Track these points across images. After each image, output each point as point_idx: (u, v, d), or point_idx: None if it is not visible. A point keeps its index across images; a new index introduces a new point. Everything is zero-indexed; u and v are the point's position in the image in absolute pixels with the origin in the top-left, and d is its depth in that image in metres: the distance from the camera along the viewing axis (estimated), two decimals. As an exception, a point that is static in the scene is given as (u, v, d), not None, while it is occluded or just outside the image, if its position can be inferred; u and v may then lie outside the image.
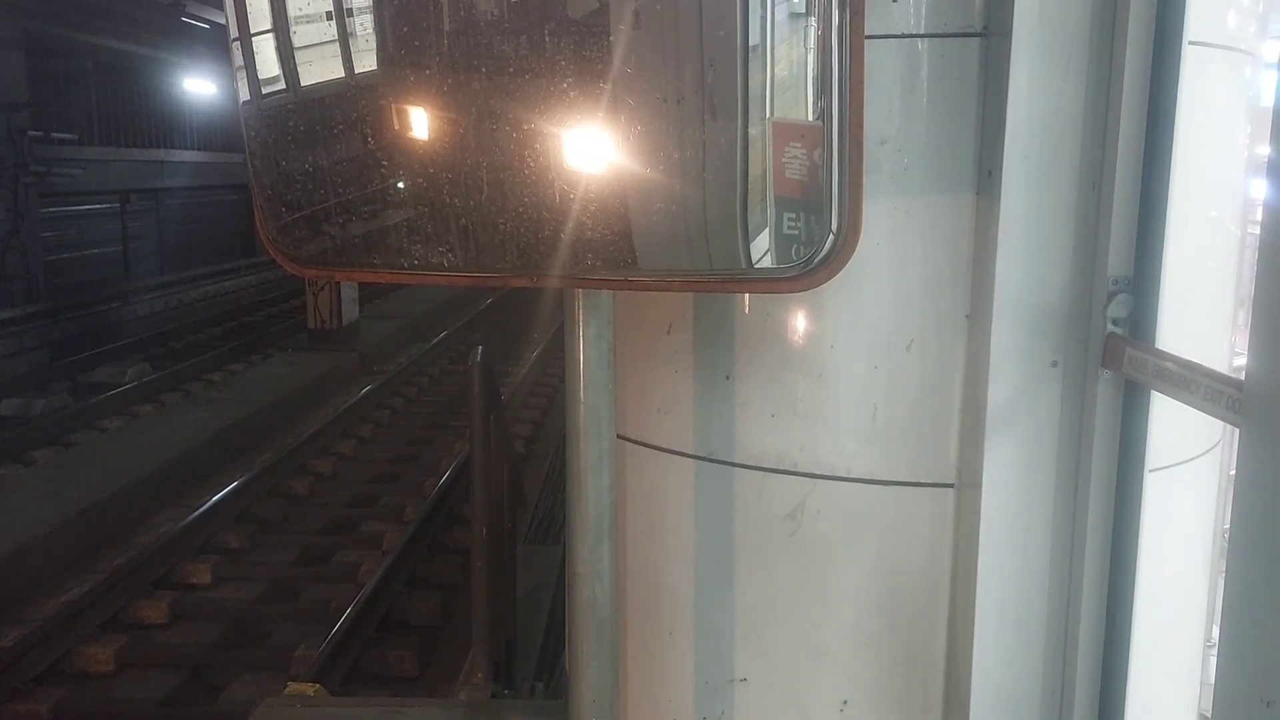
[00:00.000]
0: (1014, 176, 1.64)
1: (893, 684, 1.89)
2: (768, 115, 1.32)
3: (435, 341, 16.78)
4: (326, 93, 1.43)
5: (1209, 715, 1.35)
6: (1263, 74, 1.92)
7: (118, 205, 22.15)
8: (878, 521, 1.85)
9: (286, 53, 1.42)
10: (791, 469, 1.86)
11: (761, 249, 1.37)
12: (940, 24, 1.69)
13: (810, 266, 1.33)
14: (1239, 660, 1.26)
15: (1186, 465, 1.86)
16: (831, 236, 1.30)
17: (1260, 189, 1.30)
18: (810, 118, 1.32)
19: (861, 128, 1.26)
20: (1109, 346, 1.64)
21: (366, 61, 1.39)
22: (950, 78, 1.70)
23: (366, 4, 1.38)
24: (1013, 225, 1.65)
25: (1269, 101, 2.01)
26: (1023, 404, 1.70)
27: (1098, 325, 1.66)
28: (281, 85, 1.45)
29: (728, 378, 1.91)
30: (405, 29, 1.37)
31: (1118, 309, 1.64)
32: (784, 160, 1.33)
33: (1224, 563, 1.32)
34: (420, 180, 1.42)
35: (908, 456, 1.81)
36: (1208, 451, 1.93)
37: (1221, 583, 1.34)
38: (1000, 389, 1.69)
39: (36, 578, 7.51)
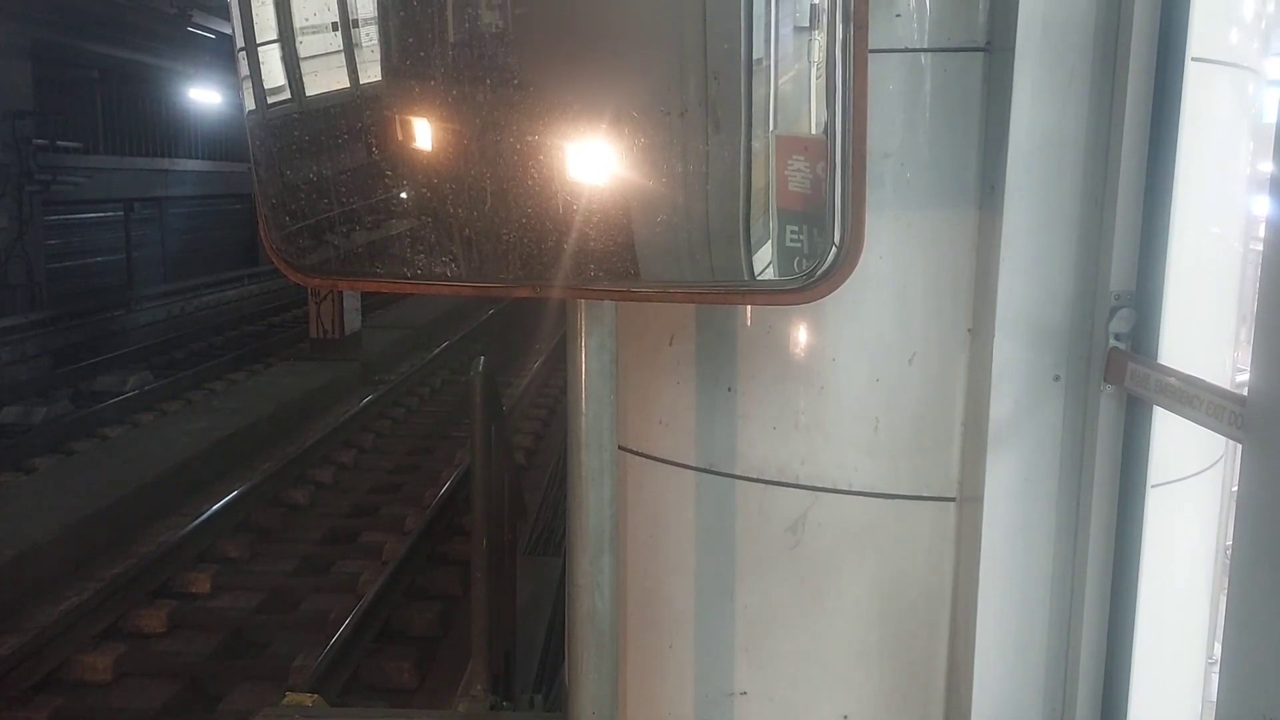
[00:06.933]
0: (1016, 191, 1.64)
1: (893, 698, 1.88)
2: (771, 128, 1.32)
3: (437, 352, 16.77)
4: (331, 103, 1.43)
5: (1211, 732, 1.35)
6: (1265, 90, 1.93)
7: (121, 214, 22.20)
8: (879, 534, 1.84)
9: (292, 63, 1.43)
10: (793, 481, 1.86)
11: (764, 261, 1.37)
12: (944, 39, 1.70)
13: (812, 279, 1.34)
14: (1241, 677, 1.25)
15: (1189, 481, 1.86)
16: (834, 249, 1.31)
17: (1262, 205, 1.30)
18: (813, 131, 1.32)
19: (864, 141, 1.26)
20: (1111, 361, 1.64)
21: (371, 72, 1.39)
22: (953, 92, 1.71)
23: (372, 15, 1.39)
24: (1015, 239, 1.65)
25: (1271, 118, 2.01)
26: (1024, 418, 1.70)
27: (1100, 340, 1.65)
28: (287, 95, 1.46)
29: (729, 390, 1.91)
30: (410, 40, 1.37)
31: (1120, 324, 1.64)
32: (787, 173, 1.33)
33: (1226, 579, 1.31)
34: (424, 191, 1.43)
35: (909, 470, 1.81)
36: (1210, 467, 1.93)
37: (1224, 599, 1.34)
38: (1002, 403, 1.69)
39: (35, 585, 7.50)
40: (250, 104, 1.45)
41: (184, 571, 8.03)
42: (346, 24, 1.40)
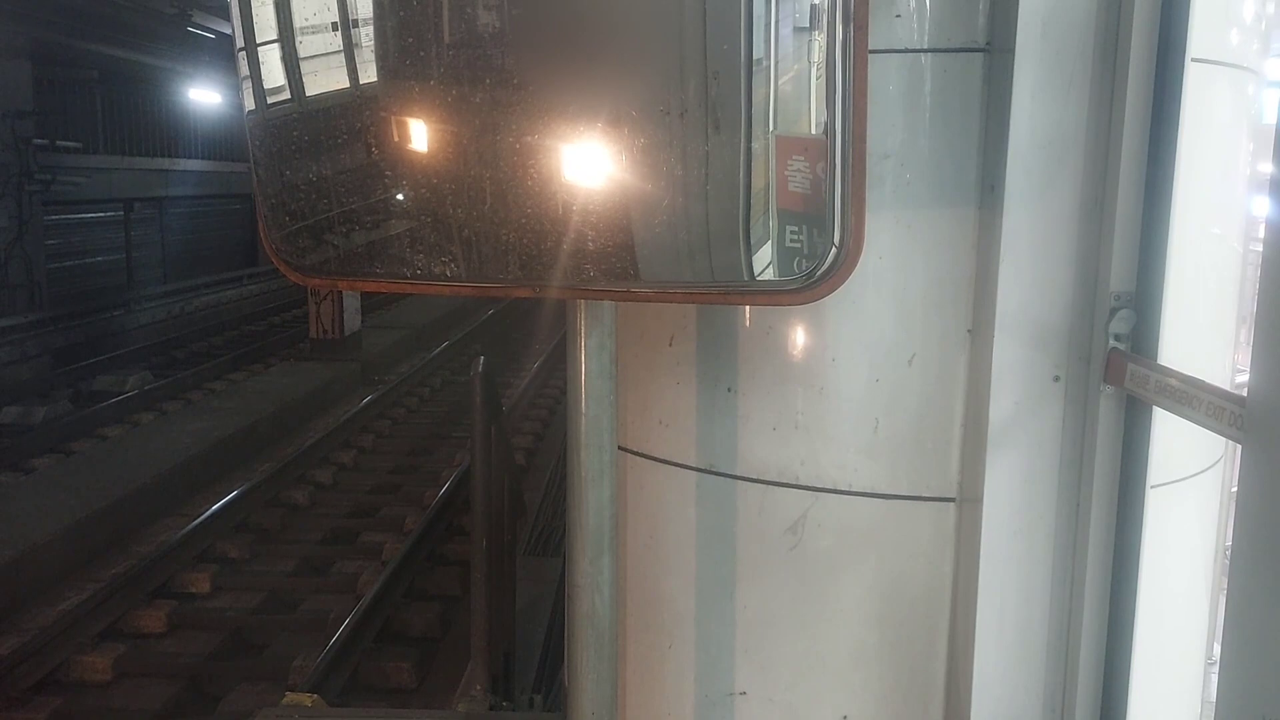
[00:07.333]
0: (1016, 191, 1.64)
1: (893, 699, 1.88)
2: (771, 128, 1.32)
3: (437, 352, 16.77)
4: (331, 103, 1.43)
5: (1210, 733, 1.35)
6: (1265, 91, 1.93)
7: (121, 213, 22.20)
8: (879, 535, 1.84)
9: (292, 63, 1.43)
10: (793, 482, 1.86)
11: (764, 261, 1.37)
12: (944, 39, 1.70)
13: (812, 279, 1.34)
14: (1240, 678, 1.25)
15: (1188, 481, 1.86)
16: (834, 250, 1.31)
17: (1262, 205, 1.30)
18: (813, 131, 1.32)
19: (864, 142, 1.26)
20: (1111, 362, 1.64)
21: (371, 73, 1.39)
22: (953, 93, 1.71)
23: (371, 15, 1.39)
24: (1015, 240, 1.65)
25: (1271, 118, 2.01)
26: (1024, 419, 1.70)
27: (1100, 341, 1.66)
28: (286, 95, 1.46)
29: (729, 390, 1.91)
30: (409, 41, 1.37)
31: (1120, 324, 1.64)
32: (787, 173, 1.33)
33: (1226, 579, 1.31)
34: (423, 191, 1.43)
35: (909, 470, 1.81)
36: (1210, 468, 1.93)
37: (1223, 600, 1.34)
38: (1002, 404, 1.69)
39: (35, 586, 7.50)
40: (250, 104, 1.45)
41: (184, 572, 8.03)
42: (346, 24, 1.40)
